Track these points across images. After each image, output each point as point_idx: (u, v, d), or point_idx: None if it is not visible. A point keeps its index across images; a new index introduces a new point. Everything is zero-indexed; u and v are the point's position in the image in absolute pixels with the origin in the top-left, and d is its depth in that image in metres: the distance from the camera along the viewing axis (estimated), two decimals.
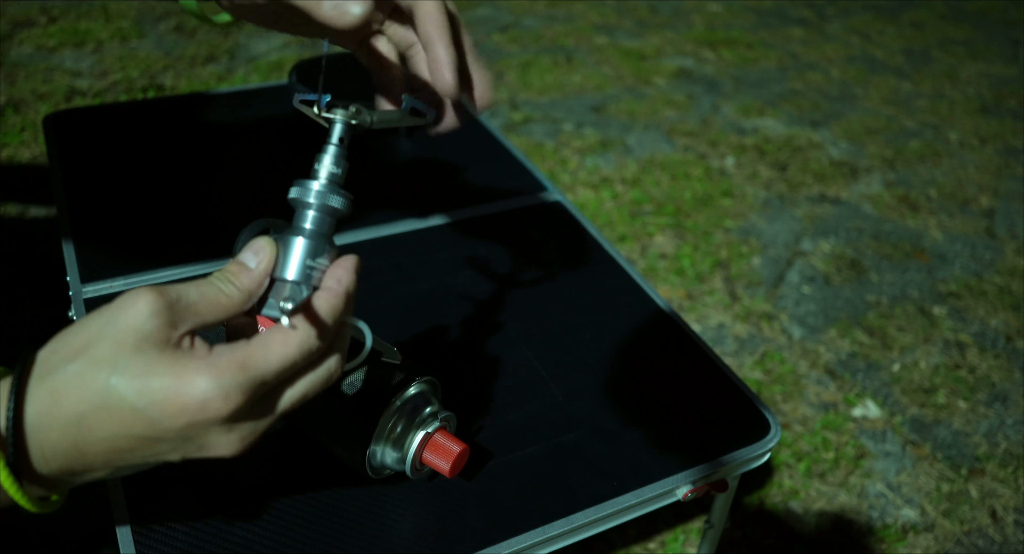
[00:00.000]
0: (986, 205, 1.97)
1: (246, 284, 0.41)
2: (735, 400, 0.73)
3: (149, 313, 0.37)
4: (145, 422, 0.37)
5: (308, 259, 0.42)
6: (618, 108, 2.24)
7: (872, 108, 2.39)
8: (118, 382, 0.36)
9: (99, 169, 0.95)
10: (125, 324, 0.37)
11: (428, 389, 0.61)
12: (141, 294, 0.37)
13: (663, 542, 1.13)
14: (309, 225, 0.43)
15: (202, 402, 0.36)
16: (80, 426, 0.37)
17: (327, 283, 0.42)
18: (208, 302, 0.39)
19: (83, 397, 0.37)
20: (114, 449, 0.38)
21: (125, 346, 0.37)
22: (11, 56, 2.13)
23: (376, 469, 0.60)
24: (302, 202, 0.44)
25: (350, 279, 0.42)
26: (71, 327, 0.39)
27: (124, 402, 0.36)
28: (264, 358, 0.38)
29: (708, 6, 3.01)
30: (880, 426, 1.35)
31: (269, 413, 0.40)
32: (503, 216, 0.94)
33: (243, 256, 0.41)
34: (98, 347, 0.37)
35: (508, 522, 0.61)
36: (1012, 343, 1.54)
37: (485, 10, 2.78)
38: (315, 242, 0.42)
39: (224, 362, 0.37)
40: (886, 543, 1.17)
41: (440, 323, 0.78)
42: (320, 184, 0.44)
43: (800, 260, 1.71)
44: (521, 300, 0.82)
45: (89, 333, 0.38)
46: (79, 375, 0.37)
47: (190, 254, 0.83)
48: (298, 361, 0.39)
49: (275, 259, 0.41)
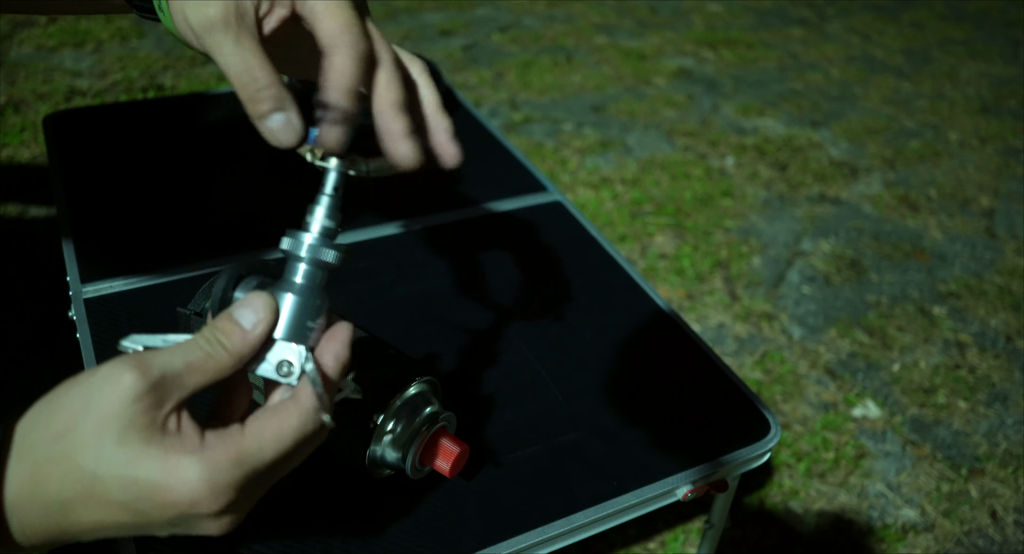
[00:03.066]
0: (986, 205, 1.97)
1: (238, 348, 0.38)
2: (735, 400, 0.73)
3: (132, 398, 0.35)
4: (132, 513, 0.35)
5: (304, 318, 0.40)
6: (618, 108, 2.24)
7: (872, 108, 2.39)
8: (103, 472, 0.34)
9: (99, 169, 0.95)
10: (108, 405, 0.35)
11: (428, 389, 0.61)
12: (124, 373, 0.35)
13: (663, 542, 1.13)
14: (301, 280, 0.42)
15: (192, 501, 0.35)
16: (63, 511, 0.35)
17: (325, 360, 0.40)
18: (194, 370, 0.37)
19: (67, 484, 0.35)
20: (100, 529, 0.36)
21: (108, 433, 0.34)
22: (11, 56, 2.13)
23: (376, 469, 0.60)
24: (294, 255, 0.42)
25: (345, 354, 0.40)
26: (50, 397, 0.36)
27: (109, 493, 0.35)
28: (259, 450, 0.36)
29: (708, 6, 3.01)
30: (880, 426, 1.35)
31: (260, 493, 0.38)
32: (503, 216, 0.94)
33: (238, 314, 0.39)
34: (80, 430, 0.35)
35: (508, 522, 0.61)
36: (1012, 343, 1.54)
37: (485, 10, 2.78)
38: (309, 299, 0.41)
39: (216, 457, 0.35)
40: (886, 543, 1.17)
41: (440, 323, 0.78)
42: (313, 237, 0.42)
43: (800, 260, 1.71)
44: (521, 300, 0.82)
45: (70, 410, 0.35)
46: (62, 459, 0.35)
47: (190, 254, 0.83)
48: (293, 448, 0.38)
49: (275, 322, 0.39)
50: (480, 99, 2.22)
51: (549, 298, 0.83)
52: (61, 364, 1.25)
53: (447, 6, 2.77)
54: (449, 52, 2.45)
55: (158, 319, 0.75)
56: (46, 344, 1.29)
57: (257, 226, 0.87)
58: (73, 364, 0.71)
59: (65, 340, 1.26)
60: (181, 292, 0.77)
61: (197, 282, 0.66)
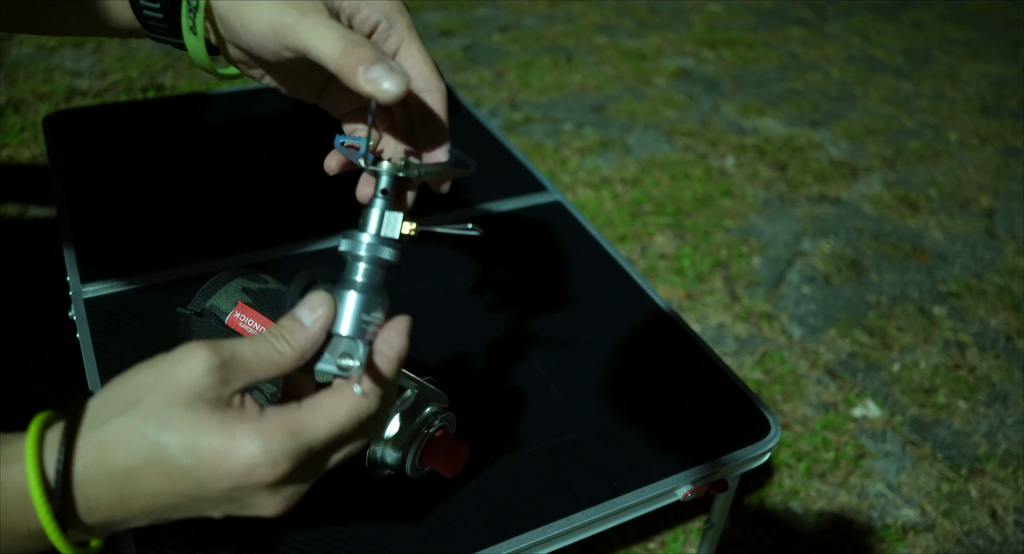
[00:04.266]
0: (986, 205, 1.97)
1: (300, 342, 0.40)
2: (735, 400, 0.73)
3: (204, 371, 0.37)
4: (191, 481, 0.37)
5: (363, 314, 0.42)
6: (618, 108, 2.24)
7: (872, 108, 2.39)
8: (168, 439, 0.36)
9: (99, 169, 0.95)
10: (178, 379, 0.37)
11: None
12: (196, 350, 0.37)
13: (663, 542, 1.13)
14: (361, 278, 0.43)
15: (249, 467, 0.36)
16: (127, 480, 0.37)
17: (379, 347, 0.41)
18: (261, 360, 0.39)
19: (132, 451, 0.36)
20: (159, 504, 0.38)
21: (177, 402, 0.36)
22: (11, 56, 2.13)
23: (376, 469, 0.60)
24: (353, 254, 0.43)
25: (401, 342, 0.42)
26: (123, 376, 0.38)
27: (172, 460, 0.36)
28: (314, 425, 0.38)
29: (708, 6, 3.01)
30: (880, 426, 1.35)
31: (314, 475, 0.40)
32: (503, 216, 0.94)
33: (299, 312, 0.41)
34: (149, 401, 0.37)
35: (508, 522, 0.61)
36: (1012, 343, 1.54)
37: (485, 10, 2.78)
38: (369, 296, 0.42)
39: (274, 427, 0.37)
40: (886, 543, 1.17)
41: (440, 323, 0.78)
42: (371, 236, 0.44)
43: (800, 260, 1.71)
44: (521, 300, 0.82)
45: (141, 385, 0.37)
46: (129, 428, 0.36)
47: (190, 254, 0.83)
48: (347, 428, 0.39)
49: (333, 316, 0.41)
50: (480, 99, 2.22)
51: (549, 298, 0.83)
52: (61, 364, 1.25)
53: (447, 6, 2.77)
54: (449, 52, 2.45)
55: (158, 319, 0.75)
56: (46, 344, 1.29)
57: (257, 226, 0.87)
58: (73, 364, 0.71)
59: (65, 340, 1.26)
60: (181, 292, 0.77)
61: (197, 282, 0.67)
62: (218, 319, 0.63)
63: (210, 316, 0.63)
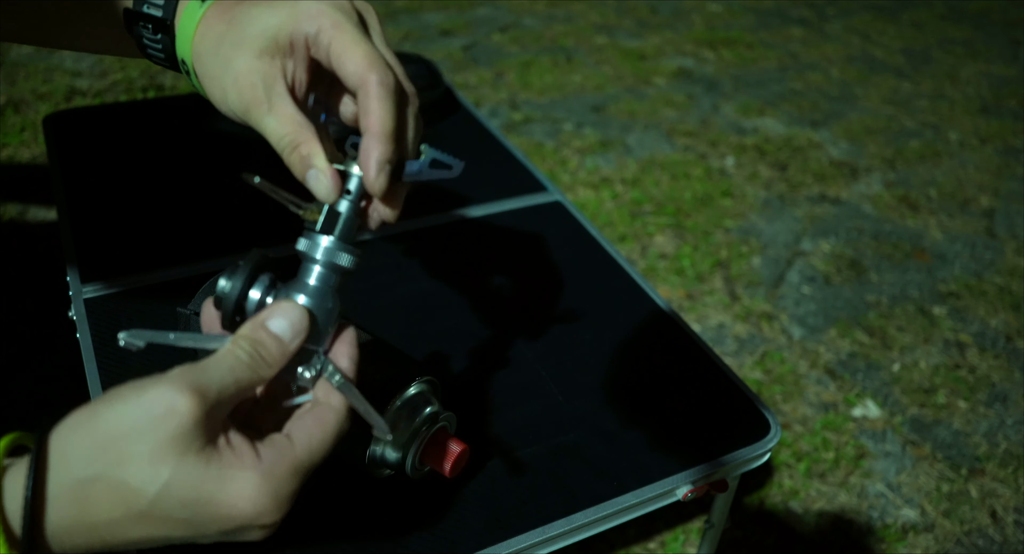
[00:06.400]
0: (986, 205, 1.97)
1: (278, 362, 0.40)
2: (735, 400, 0.73)
3: (192, 424, 0.34)
4: (188, 527, 0.36)
5: (324, 323, 0.41)
6: (618, 108, 2.24)
7: (872, 108, 2.39)
8: (163, 495, 0.34)
9: (99, 169, 0.95)
10: (164, 433, 0.34)
11: (428, 389, 0.61)
12: (178, 400, 0.35)
13: (663, 542, 1.13)
14: (315, 282, 0.42)
15: (256, 514, 0.36)
16: (111, 530, 0.35)
17: (341, 363, 0.42)
18: (243, 387, 0.38)
19: (118, 505, 0.34)
20: (146, 542, 0.36)
21: (167, 457, 0.34)
22: (11, 56, 2.13)
23: (376, 469, 0.60)
24: (310, 257, 0.42)
25: (357, 354, 0.43)
26: (90, 414, 0.35)
27: (169, 514, 0.35)
28: (310, 457, 0.38)
29: (708, 6, 3.01)
30: (880, 426, 1.35)
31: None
32: (503, 216, 0.94)
33: (276, 325, 0.40)
34: (133, 452, 0.34)
35: (508, 522, 0.61)
36: (1012, 343, 1.54)
37: (485, 10, 2.78)
38: (324, 304, 0.41)
39: (278, 470, 0.37)
40: (886, 543, 1.17)
41: (440, 323, 0.78)
42: (330, 240, 0.42)
43: (800, 260, 1.71)
44: (521, 300, 0.82)
45: (116, 429, 0.34)
46: (110, 482, 0.34)
47: (190, 254, 0.83)
48: (332, 446, 0.40)
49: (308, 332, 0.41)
50: (480, 99, 2.22)
51: (549, 298, 0.83)
52: (61, 364, 1.25)
53: (447, 6, 2.77)
54: (449, 52, 2.45)
55: (158, 319, 0.75)
56: (46, 344, 1.29)
57: (257, 226, 0.87)
58: (73, 364, 0.71)
59: (65, 340, 1.26)
60: (181, 292, 0.77)
61: (197, 282, 0.67)
62: None
63: None
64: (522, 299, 0.82)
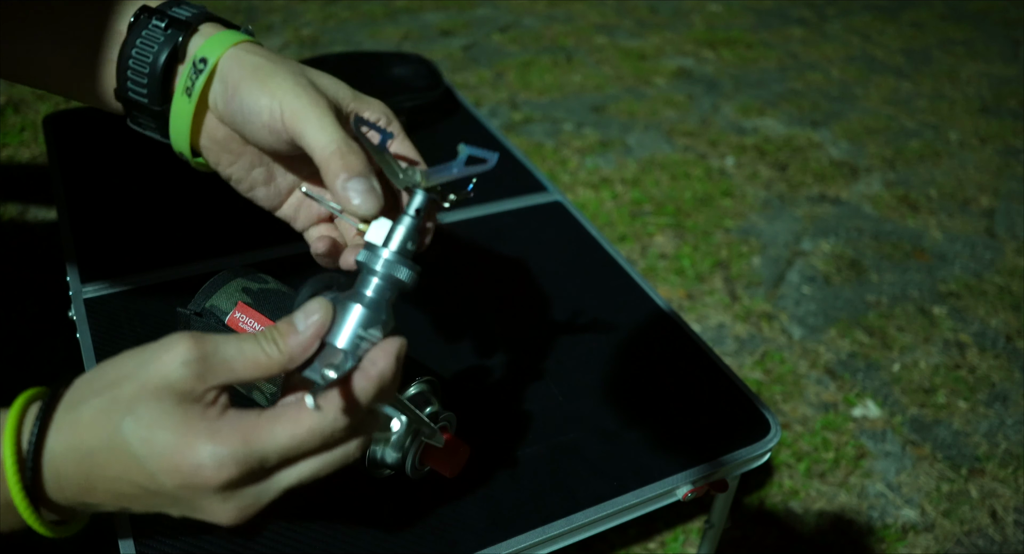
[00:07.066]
0: (986, 205, 1.97)
1: (290, 347, 0.39)
2: (735, 400, 0.73)
3: (180, 362, 0.37)
4: (143, 473, 0.37)
5: (360, 329, 0.41)
6: (618, 108, 2.24)
7: (872, 108, 2.39)
8: (128, 426, 0.36)
9: (99, 169, 0.95)
10: (154, 368, 0.37)
11: (428, 389, 0.61)
12: (178, 341, 0.37)
13: (663, 542, 1.13)
14: (371, 293, 0.42)
15: (195, 466, 0.36)
16: (92, 461, 0.37)
17: (363, 364, 0.40)
18: (246, 359, 0.38)
19: (97, 434, 0.37)
20: (119, 491, 0.38)
21: (147, 391, 0.37)
22: None
23: (376, 469, 0.60)
24: (368, 268, 0.42)
25: (386, 364, 0.40)
26: (112, 359, 0.39)
27: (128, 447, 0.37)
28: (270, 435, 0.37)
29: (708, 6, 3.01)
30: (880, 426, 1.35)
31: (269, 489, 0.39)
32: (503, 216, 0.94)
33: (296, 317, 0.40)
34: (123, 386, 0.37)
35: (508, 522, 0.61)
36: (1012, 343, 1.54)
37: (485, 10, 2.78)
38: (372, 312, 0.41)
39: (228, 430, 0.37)
40: (886, 543, 1.17)
41: (440, 323, 0.78)
42: (391, 253, 0.43)
43: (800, 260, 1.71)
44: (521, 300, 0.82)
45: (122, 370, 0.38)
46: (100, 411, 0.37)
47: (190, 254, 0.83)
48: (307, 443, 0.38)
49: (328, 324, 0.40)
50: (480, 99, 2.22)
51: (549, 298, 0.83)
52: (61, 364, 1.25)
53: (447, 6, 2.77)
54: (449, 52, 2.45)
55: (158, 319, 0.75)
56: (46, 344, 1.29)
57: (257, 226, 0.87)
58: (73, 364, 0.71)
59: (65, 340, 1.26)
60: (181, 292, 0.77)
61: (197, 282, 0.67)
62: (218, 319, 0.63)
63: (210, 316, 0.63)
64: (522, 299, 0.82)
